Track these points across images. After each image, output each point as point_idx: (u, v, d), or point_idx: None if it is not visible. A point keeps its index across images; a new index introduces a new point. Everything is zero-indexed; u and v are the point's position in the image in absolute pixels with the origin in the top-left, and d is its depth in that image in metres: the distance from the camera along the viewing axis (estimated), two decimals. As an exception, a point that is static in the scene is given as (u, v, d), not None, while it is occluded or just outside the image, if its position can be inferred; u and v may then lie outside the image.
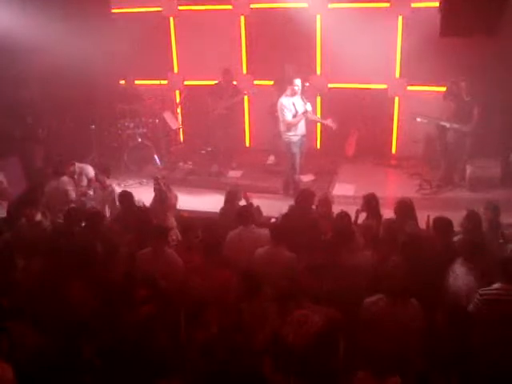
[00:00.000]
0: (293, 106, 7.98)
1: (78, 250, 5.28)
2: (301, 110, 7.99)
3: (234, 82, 9.61)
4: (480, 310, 4.34)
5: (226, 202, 6.54)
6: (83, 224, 6.16)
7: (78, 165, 7.77)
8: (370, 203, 6.05)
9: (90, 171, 7.79)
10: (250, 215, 5.84)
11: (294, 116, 7.99)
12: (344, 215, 5.78)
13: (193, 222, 6.10)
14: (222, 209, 6.55)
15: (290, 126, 8.05)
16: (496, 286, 4.41)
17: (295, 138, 8.11)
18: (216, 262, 5.12)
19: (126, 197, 6.55)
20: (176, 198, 6.92)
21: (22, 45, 8.56)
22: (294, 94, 7.97)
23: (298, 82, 7.93)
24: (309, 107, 8.01)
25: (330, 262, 5.00)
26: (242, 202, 6.56)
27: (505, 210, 5.94)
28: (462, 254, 4.90)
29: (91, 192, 7.60)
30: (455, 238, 5.39)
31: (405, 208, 5.87)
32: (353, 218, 5.94)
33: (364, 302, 4.54)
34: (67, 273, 4.96)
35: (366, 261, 5.16)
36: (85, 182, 7.67)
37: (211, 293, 4.78)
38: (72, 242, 5.63)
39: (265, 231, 5.64)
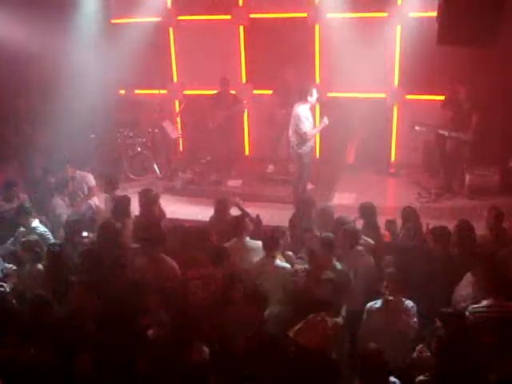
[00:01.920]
0: (312, 117, 7.90)
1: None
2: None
3: (233, 92, 9.65)
4: (472, 326, 4.28)
5: (217, 211, 6.52)
6: (85, 234, 6.18)
7: (79, 172, 7.79)
8: (367, 211, 6.06)
9: (91, 180, 7.81)
10: (243, 227, 5.79)
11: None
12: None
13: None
14: (212, 218, 6.54)
15: (307, 137, 7.84)
16: (485, 302, 4.39)
17: (307, 149, 7.99)
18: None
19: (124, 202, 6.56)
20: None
21: (22, 54, 8.61)
22: (312, 103, 7.87)
23: (315, 92, 7.85)
24: (326, 120, 7.80)
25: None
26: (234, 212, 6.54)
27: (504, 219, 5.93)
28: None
29: (93, 202, 7.61)
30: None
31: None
32: None
33: (366, 306, 4.65)
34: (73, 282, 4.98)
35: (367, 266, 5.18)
36: (85, 190, 7.70)
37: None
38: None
39: (258, 243, 5.63)
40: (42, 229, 6.38)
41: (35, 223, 6.39)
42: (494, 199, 7.82)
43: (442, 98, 8.64)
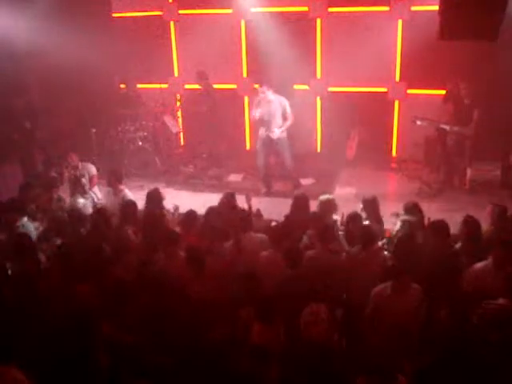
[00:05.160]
0: (258, 103, 8.37)
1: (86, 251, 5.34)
2: (265, 111, 8.24)
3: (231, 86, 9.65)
4: (481, 322, 4.22)
5: (222, 205, 6.53)
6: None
7: (81, 163, 7.84)
8: (369, 204, 6.07)
9: (92, 169, 7.85)
10: (248, 222, 5.79)
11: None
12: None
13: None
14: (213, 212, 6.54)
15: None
16: (501, 301, 4.31)
17: (260, 134, 8.55)
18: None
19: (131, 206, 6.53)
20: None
21: (22, 50, 8.60)
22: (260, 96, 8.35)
23: (261, 89, 8.30)
24: (257, 113, 8.37)
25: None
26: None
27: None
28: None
29: (94, 195, 7.63)
30: (457, 245, 5.40)
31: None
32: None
33: (372, 291, 4.65)
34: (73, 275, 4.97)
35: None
36: (87, 179, 7.74)
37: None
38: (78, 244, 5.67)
39: (262, 236, 5.64)
40: (30, 227, 6.26)
41: (24, 221, 6.25)
42: (495, 194, 7.83)
43: (443, 92, 8.64)
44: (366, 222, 5.85)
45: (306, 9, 9.56)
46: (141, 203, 6.79)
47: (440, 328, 4.13)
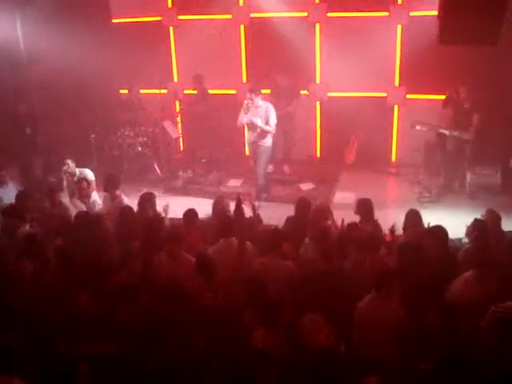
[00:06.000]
0: (246, 108, 8.25)
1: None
2: (253, 116, 8.14)
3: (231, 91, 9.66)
4: (490, 327, 4.14)
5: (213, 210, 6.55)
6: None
7: (78, 169, 7.84)
8: (365, 207, 6.07)
9: (90, 174, 7.84)
10: (230, 227, 5.67)
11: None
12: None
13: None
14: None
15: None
16: (510, 303, 4.20)
17: (248, 139, 8.64)
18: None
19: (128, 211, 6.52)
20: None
21: (22, 56, 8.61)
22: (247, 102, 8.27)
23: (249, 95, 8.20)
24: (242, 118, 8.29)
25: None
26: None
27: (505, 217, 5.94)
28: (470, 263, 4.87)
29: (96, 199, 7.62)
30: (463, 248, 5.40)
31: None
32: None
33: (357, 306, 4.59)
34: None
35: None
36: (85, 185, 7.74)
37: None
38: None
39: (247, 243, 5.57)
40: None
41: (26, 229, 6.24)
42: (495, 198, 7.82)
43: (442, 97, 8.63)
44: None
45: (305, 14, 9.57)
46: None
47: (430, 332, 4.09)
